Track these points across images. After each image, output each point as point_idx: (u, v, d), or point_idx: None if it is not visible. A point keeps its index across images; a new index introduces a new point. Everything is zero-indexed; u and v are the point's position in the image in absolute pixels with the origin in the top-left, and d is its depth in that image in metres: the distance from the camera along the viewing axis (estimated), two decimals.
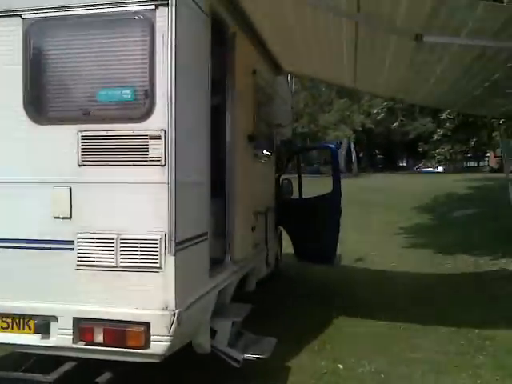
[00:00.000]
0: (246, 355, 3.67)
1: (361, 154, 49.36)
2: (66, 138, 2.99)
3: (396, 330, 5.18)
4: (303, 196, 7.39)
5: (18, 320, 3.06)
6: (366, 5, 3.31)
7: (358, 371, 4.17)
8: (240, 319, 3.89)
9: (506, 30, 3.10)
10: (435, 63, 4.04)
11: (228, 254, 4.11)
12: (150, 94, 2.88)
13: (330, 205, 6.79)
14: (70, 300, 2.98)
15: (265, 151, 5.68)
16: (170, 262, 2.89)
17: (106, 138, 2.95)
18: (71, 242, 2.99)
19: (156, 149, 2.89)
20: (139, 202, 2.93)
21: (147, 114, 2.89)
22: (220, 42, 4.07)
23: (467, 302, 6.16)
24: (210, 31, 3.52)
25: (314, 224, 6.87)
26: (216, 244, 4.10)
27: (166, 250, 2.88)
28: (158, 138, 2.88)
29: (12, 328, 3.07)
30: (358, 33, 3.86)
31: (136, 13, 2.90)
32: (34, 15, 3.00)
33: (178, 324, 2.89)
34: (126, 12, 2.91)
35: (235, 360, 3.64)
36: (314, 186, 7.69)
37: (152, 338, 2.87)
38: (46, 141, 3.03)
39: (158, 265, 2.89)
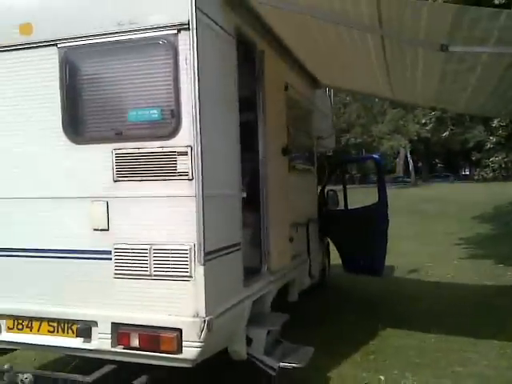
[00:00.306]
0: (281, 363, 3.72)
1: (419, 164, 48.02)
2: (102, 156, 3.23)
3: (446, 343, 5.02)
4: (349, 207, 7.38)
5: (62, 324, 3.31)
6: (388, 18, 3.34)
7: (401, 383, 4.09)
8: (276, 328, 3.95)
9: None
10: (467, 72, 3.96)
11: (264, 265, 4.20)
12: (176, 114, 3.07)
13: (377, 215, 6.74)
14: (109, 306, 3.19)
15: (303, 163, 5.75)
16: (199, 272, 3.03)
17: (138, 154, 3.16)
18: (109, 252, 3.21)
19: (183, 164, 3.06)
20: (169, 214, 3.11)
21: (174, 131, 3.08)
22: (250, 60, 4.25)
23: None
24: (236, 51, 3.68)
25: (361, 235, 6.82)
26: (253, 254, 4.23)
27: (196, 260, 3.03)
28: (185, 154, 3.05)
29: (57, 332, 3.32)
30: (385, 45, 3.88)
31: (160, 37, 3.10)
32: (67, 44, 3.28)
33: (209, 331, 3.01)
34: (152, 37, 3.12)
35: (271, 368, 3.70)
36: (370, 196, 7.57)
37: (184, 343, 3.01)
38: (84, 159, 3.29)
39: (188, 273, 3.04)
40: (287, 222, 4.72)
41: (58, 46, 3.32)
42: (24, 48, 3.40)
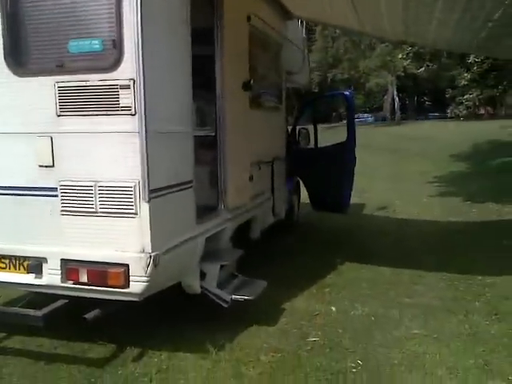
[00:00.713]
0: (233, 296, 3.85)
1: (407, 101, 47.59)
2: (44, 89, 3.10)
3: (398, 275, 5.21)
4: (319, 146, 7.35)
5: (14, 261, 3.33)
6: None
7: (350, 313, 4.27)
8: (227, 263, 4.04)
9: None
10: (430, 3, 3.81)
11: (221, 202, 4.22)
12: (117, 44, 2.93)
13: (343, 153, 6.73)
14: (58, 243, 3.21)
15: (269, 100, 5.63)
16: (144, 209, 3.03)
17: (80, 88, 3.04)
18: (55, 189, 3.18)
19: (126, 98, 2.96)
20: (113, 150, 3.05)
21: (116, 63, 2.95)
22: None
23: (479, 250, 6.04)
24: None
25: (327, 172, 6.85)
26: (209, 192, 4.23)
27: (141, 197, 3.02)
28: (128, 87, 2.95)
29: (9, 268, 3.35)
30: None
31: None
32: None
33: (155, 266, 3.06)
34: None
35: (224, 300, 3.82)
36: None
37: (131, 278, 3.07)
38: (28, 92, 3.17)
39: (133, 211, 3.04)
40: (247, 160, 4.68)
41: None
42: None
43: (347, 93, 6.95)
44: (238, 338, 3.78)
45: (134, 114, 2.96)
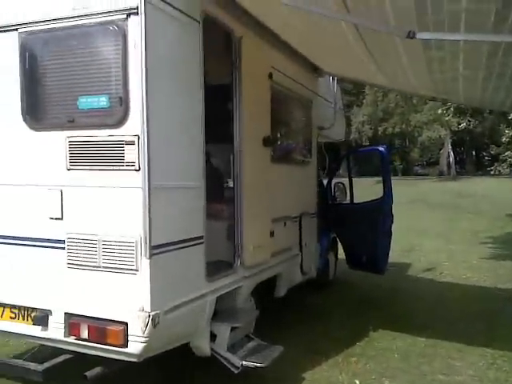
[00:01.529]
0: (244, 362, 3.61)
1: (465, 156, 46.21)
2: (57, 143, 3.19)
3: (435, 348, 4.75)
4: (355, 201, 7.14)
5: (23, 311, 3.31)
6: (354, 5, 3.12)
7: None
8: (240, 325, 3.83)
9: (504, 23, 2.73)
10: (452, 60, 3.66)
11: (237, 259, 4.07)
12: (124, 101, 2.98)
13: (380, 211, 6.48)
14: (63, 296, 3.17)
15: (296, 154, 5.56)
16: (145, 265, 2.95)
17: (89, 143, 3.10)
18: (63, 242, 3.18)
19: (131, 154, 2.98)
20: (118, 205, 3.04)
21: (122, 120, 2.99)
22: (228, 46, 4.11)
23: None
24: (201, 36, 3.54)
25: (363, 230, 6.60)
26: (225, 248, 4.12)
27: (142, 253, 2.95)
28: (133, 143, 2.97)
29: (18, 319, 3.33)
30: (361, 33, 3.64)
31: (110, 22, 3.01)
32: (27, 29, 3.25)
33: (154, 326, 2.93)
34: (102, 22, 3.03)
35: (233, 365, 3.60)
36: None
37: (129, 337, 2.96)
38: (42, 146, 3.26)
39: (134, 267, 2.97)
40: (267, 216, 4.55)
41: (19, 30, 3.29)
42: None
43: (382, 148, 6.77)
44: None
45: (137, 170, 2.96)
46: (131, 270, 2.97)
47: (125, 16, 2.97)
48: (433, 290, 7.30)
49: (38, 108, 3.32)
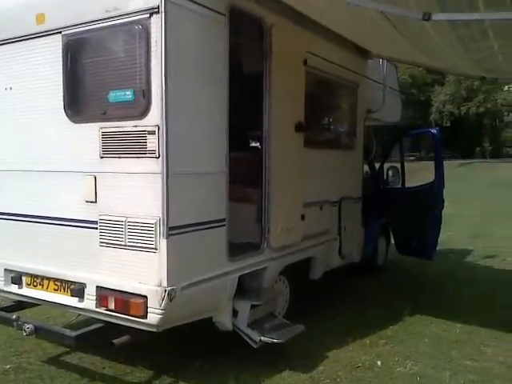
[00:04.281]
0: (262, 337, 3.82)
1: None
2: (92, 134, 3.53)
3: (470, 334, 4.66)
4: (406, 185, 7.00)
5: (64, 284, 3.76)
6: None
7: (395, 370, 3.94)
8: (259, 303, 4.02)
9: None
10: (482, 39, 3.49)
11: (264, 241, 4.26)
12: (146, 95, 3.23)
13: (431, 195, 6.34)
14: (95, 271, 3.55)
15: (336, 138, 5.56)
16: (163, 245, 3.23)
17: (118, 133, 3.40)
18: (96, 223, 3.55)
19: (152, 143, 3.24)
20: (141, 189, 3.33)
21: (145, 111, 3.25)
22: (260, 34, 4.21)
23: None
24: (227, 28, 3.68)
25: (412, 215, 6.50)
26: (253, 230, 4.31)
27: (160, 234, 3.24)
28: (153, 133, 3.23)
29: (60, 290, 3.78)
30: (389, 18, 3.59)
31: (136, 22, 3.25)
32: (69, 31, 3.59)
33: (170, 300, 3.22)
34: (130, 22, 3.28)
35: (253, 340, 3.83)
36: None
37: (149, 309, 3.27)
38: (80, 137, 3.62)
39: (153, 246, 3.26)
40: (298, 200, 4.66)
41: (62, 33, 3.65)
42: (38, 36, 3.79)
43: (434, 131, 6.53)
44: (265, 381, 3.73)
45: (158, 157, 3.22)
46: (151, 248, 3.27)
47: (148, 15, 3.20)
48: (487, 276, 7.03)
49: (77, 102, 3.68)
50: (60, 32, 3.65)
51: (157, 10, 3.16)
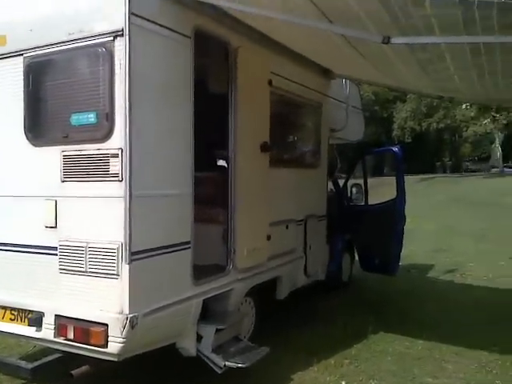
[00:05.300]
0: (227, 362, 3.77)
1: None
2: (53, 157, 3.43)
3: (431, 351, 4.76)
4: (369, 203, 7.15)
5: (21, 313, 3.60)
6: (330, 13, 3.18)
7: None
8: (223, 326, 3.97)
9: (473, 25, 2.70)
10: (440, 62, 3.63)
11: (230, 262, 4.22)
12: (110, 117, 3.18)
13: (393, 212, 6.48)
14: (54, 299, 3.42)
15: (300, 158, 5.62)
16: (125, 270, 3.16)
17: (80, 156, 3.33)
18: (55, 248, 3.43)
19: (115, 166, 3.18)
20: (102, 214, 3.26)
21: (108, 134, 3.19)
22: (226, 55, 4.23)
23: None
24: (192, 50, 3.67)
25: (375, 232, 6.63)
26: (218, 251, 4.28)
27: (122, 259, 3.16)
28: (116, 156, 3.17)
29: (17, 320, 3.62)
30: (349, 41, 3.68)
31: (100, 44, 3.21)
32: (30, 53, 3.51)
33: (132, 328, 3.14)
34: (94, 44, 3.24)
35: (217, 366, 3.77)
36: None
37: (109, 338, 3.16)
38: (40, 160, 3.52)
39: (115, 272, 3.18)
40: (264, 220, 4.66)
41: (24, 55, 3.56)
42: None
43: (396, 149, 6.71)
44: None
45: (120, 180, 3.16)
46: (113, 274, 3.18)
47: (112, 38, 3.16)
48: (448, 291, 7.21)
49: (38, 125, 3.59)
50: (21, 54, 3.56)
51: (121, 32, 3.13)
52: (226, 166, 4.46)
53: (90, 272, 3.28)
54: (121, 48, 3.13)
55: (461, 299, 6.71)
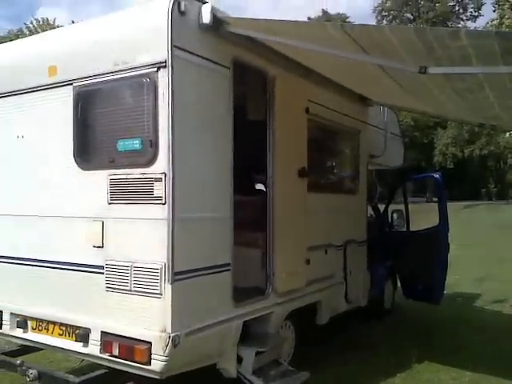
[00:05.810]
0: None
1: None
2: (101, 181, 3.64)
3: (478, 382, 4.54)
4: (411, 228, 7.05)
5: (69, 329, 3.77)
6: (368, 46, 3.28)
7: None
8: (264, 349, 3.99)
9: (506, 56, 2.72)
10: (479, 91, 3.63)
11: (269, 286, 4.27)
12: (154, 144, 3.36)
13: (437, 238, 6.36)
14: (100, 316, 3.57)
15: (339, 183, 5.65)
16: (168, 290, 3.27)
17: (126, 180, 3.51)
18: (102, 267, 3.60)
19: (158, 189, 3.34)
20: (147, 235, 3.41)
21: (152, 160, 3.37)
22: (264, 85, 4.39)
23: None
24: (231, 80, 3.85)
25: (418, 258, 6.51)
26: (258, 275, 4.34)
27: (166, 279, 3.28)
28: (160, 180, 3.33)
29: (65, 335, 3.79)
30: (387, 71, 3.77)
31: (144, 75, 3.42)
32: (79, 83, 3.77)
33: (174, 346, 3.22)
34: (138, 75, 3.45)
35: None
36: None
37: (153, 356, 3.26)
38: (89, 183, 3.74)
39: (158, 291, 3.30)
40: (303, 244, 4.70)
41: (73, 84, 3.83)
42: (50, 88, 3.97)
43: (437, 176, 6.64)
44: None
45: (164, 203, 3.31)
46: (156, 294, 3.30)
47: (155, 69, 3.37)
48: (496, 322, 6.92)
49: (86, 150, 3.83)
50: (71, 84, 3.83)
51: (164, 64, 3.33)
52: (264, 189, 4.57)
53: (135, 291, 3.41)
54: (164, 78, 3.33)
55: (510, 330, 6.41)
